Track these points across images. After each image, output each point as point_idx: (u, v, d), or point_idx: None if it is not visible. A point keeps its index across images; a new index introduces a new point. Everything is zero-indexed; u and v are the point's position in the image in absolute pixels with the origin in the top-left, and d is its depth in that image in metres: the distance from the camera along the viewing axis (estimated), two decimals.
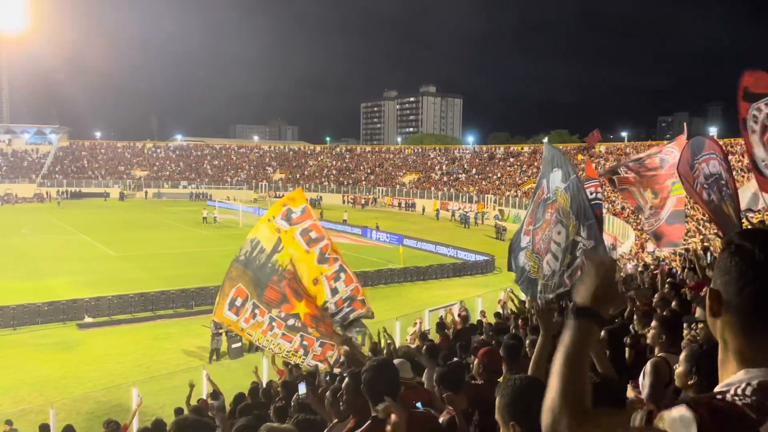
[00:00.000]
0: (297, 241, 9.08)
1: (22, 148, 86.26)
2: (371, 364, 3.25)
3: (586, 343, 1.46)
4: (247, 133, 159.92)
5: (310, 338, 9.06)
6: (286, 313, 9.04)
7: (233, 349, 18.84)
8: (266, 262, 9.09)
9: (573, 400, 1.36)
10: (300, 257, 9.05)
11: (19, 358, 18.01)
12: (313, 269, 9.07)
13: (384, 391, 2.91)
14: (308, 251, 9.08)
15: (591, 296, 1.49)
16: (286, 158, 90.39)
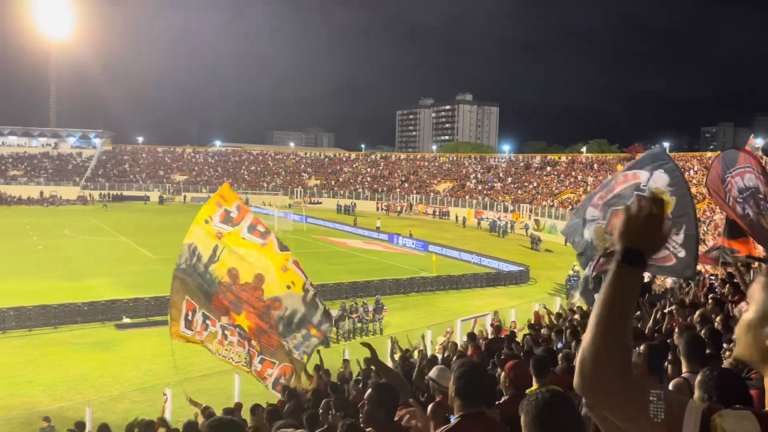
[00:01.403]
0: (248, 240, 8.65)
1: (67, 151, 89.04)
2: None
3: (632, 292, 1.35)
4: (284, 140, 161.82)
5: (253, 351, 8.80)
6: (232, 323, 8.76)
7: None
8: (205, 272, 8.66)
9: (616, 358, 1.26)
10: (259, 252, 8.63)
11: (58, 356, 18.48)
12: (278, 258, 8.70)
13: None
14: (264, 244, 8.73)
15: (637, 238, 1.38)
16: (321, 165, 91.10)
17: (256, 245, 8.49)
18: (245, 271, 8.45)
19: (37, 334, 20.50)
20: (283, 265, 8.48)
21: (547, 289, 30.69)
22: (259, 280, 8.46)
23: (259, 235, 8.56)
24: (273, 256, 8.45)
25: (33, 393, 15.54)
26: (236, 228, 8.52)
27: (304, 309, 8.71)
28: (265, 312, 8.47)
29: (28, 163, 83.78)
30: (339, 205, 72.71)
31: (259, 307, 8.51)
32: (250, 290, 8.46)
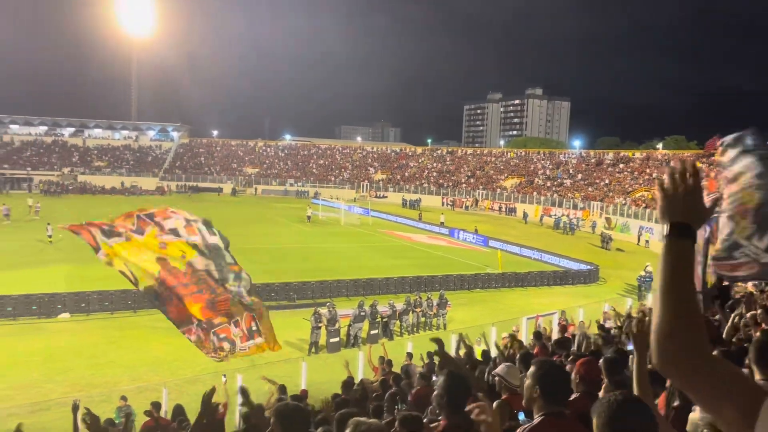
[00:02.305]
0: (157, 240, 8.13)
1: (147, 144, 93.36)
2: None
3: (686, 264, 1.34)
4: (352, 134, 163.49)
5: (223, 328, 8.10)
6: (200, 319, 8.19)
7: (331, 343, 19.36)
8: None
9: (686, 330, 1.25)
10: (140, 246, 8.07)
11: (137, 339, 19.49)
12: (148, 242, 8.19)
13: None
14: (138, 237, 8.19)
15: (679, 212, 1.36)
16: (387, 159, 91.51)
17: (134, 243, 8.02)
18: (153, 264, 8.00)
19: (119, 317, 21.69)
20: (159, 243, 7.99)
21: (617, 290, 29.75)
22: (166, 263, 7.94)
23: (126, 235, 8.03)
24: (147, 243, 7.96)
25: (114, 373, 16.48)
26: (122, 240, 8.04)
27: (211, 259, 8.15)
28: (196, 282, 7.96)
29: (111, 155, 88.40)
30: (404, 200, 72.89)
31: (189, 283, 7.98)
32: (173, 277, 7.95)
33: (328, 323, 19.47)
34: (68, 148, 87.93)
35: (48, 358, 17.28)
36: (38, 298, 21.60)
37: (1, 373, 15.96)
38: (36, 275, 26.49)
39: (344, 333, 20.09)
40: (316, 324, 19.32)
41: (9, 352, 17.60)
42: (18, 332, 19.68)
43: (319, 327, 19.38)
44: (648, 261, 30.45)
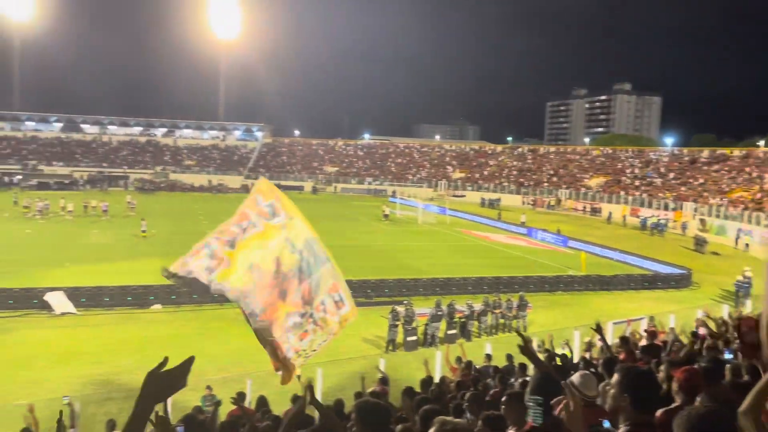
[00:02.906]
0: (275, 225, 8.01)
1: (233, 144, 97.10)
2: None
3: None
4: (430, 133, 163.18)
5: (322, 317, 7.95)
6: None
7: (408, 341, 19.36)
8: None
9: None
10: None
11: (223, 330, 20.25)
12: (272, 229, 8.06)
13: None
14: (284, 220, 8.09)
15: None
16: (466, 158, 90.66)
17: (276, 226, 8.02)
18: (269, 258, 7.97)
19: (206, 310, 22.63)
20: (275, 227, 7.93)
21: (712, 295, 28.04)
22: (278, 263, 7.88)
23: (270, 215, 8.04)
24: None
25: (202, 362, 17.14)
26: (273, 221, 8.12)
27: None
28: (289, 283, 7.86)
29: (200, 154, 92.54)
30: (483, 199, 71.96)
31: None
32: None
33: (404, 321, 19.48)
34: (161, 147, 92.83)
35: (141, 346, 18.27)
36: (133, 290, 22.90)
37: (100, 359, 17.02)
38: (131, 268, 28.11)
39: (421, 332, 20.04)
40: (393, 322, 19.39)
41: (106, 340, 18.75)
42: (114, 321, 20.93)
43: (396, 325, 19.43)
44: (747, 265, 28.52)
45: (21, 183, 69.79)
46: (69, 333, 19.37)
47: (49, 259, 29.59)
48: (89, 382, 15.33)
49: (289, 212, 7.88)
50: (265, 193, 8.05)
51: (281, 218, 7.81)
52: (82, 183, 73.54)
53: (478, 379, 10.11)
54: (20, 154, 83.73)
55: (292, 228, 7.74)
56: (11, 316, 20.54)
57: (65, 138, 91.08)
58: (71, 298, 21.63)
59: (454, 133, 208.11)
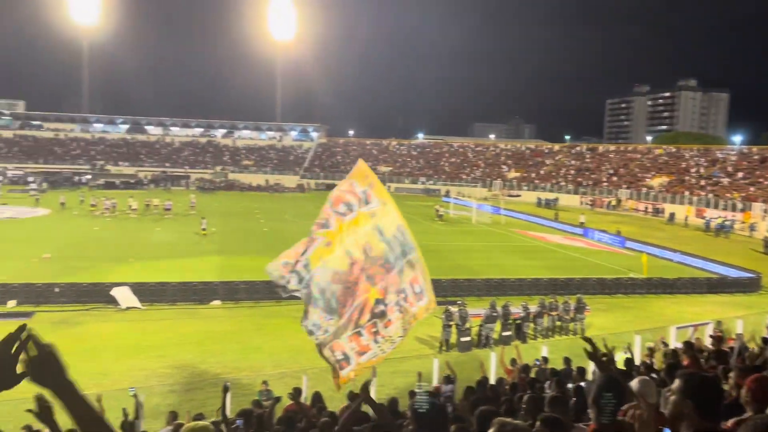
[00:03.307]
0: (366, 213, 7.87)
1: (289, 144, 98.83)
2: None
3: None
4: (485, 132, 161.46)
5: (404, 306, 7.85)
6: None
7: (462, 342, 19.22)
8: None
9: None
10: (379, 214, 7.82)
11: (280, 327, 20.63)
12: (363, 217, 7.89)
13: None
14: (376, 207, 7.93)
15: None
16: (521, 157, 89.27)
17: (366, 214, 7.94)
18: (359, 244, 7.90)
19: (264, 306, 23.11)
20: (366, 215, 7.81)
21: None
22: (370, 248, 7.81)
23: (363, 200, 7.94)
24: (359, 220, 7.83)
25: (259, 358, 17.57)
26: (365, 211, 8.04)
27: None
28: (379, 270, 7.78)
29: (258, 155, 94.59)
30: (539, 199, 70.67)
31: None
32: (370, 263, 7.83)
33: (458, 322, 19.36)
34: (220, 148, 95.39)
35: (202, 341, 18.83)
36: (194, 286, 23.63)
37: (163, 352, 17.64)
38: (192, 265, 29.01)
39: (475, 333, 19.86)
40: (447, 322, 19.30)
41: (169, 334, 19.42)
42: (176, 316, 21.65)
43: (450, 325, 19.32)
44: None
45: (89, 182, 73.12)
46: (134, 327, 20.17)
47: (115, 255, 30.90)
48: (153, 375, 15.91)
49: (382, 198, 7.90)
50: (360, 178, 8.15)
51: (374, 205, 7.87)
52: (146, 182, 76.42)
53: (534, 382, 9.95)
54: (89, 155, 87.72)
55: (384, 215, 7.77)
56: (81, 309, 21.55)
57: (131, 139, 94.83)
58: (136, 293, 22.51)
59: (510, 132, 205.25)
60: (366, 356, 7.85)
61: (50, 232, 38.33)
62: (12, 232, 38.24)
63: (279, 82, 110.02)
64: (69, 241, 35.11)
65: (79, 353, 17.31)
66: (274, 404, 8.22)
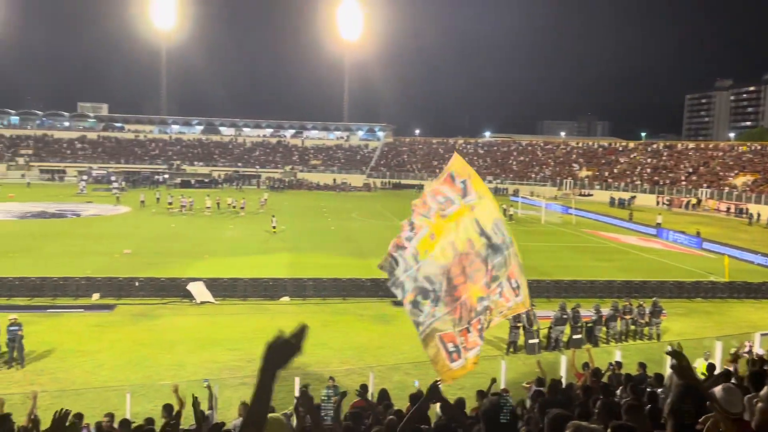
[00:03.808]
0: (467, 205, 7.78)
1: (356, 143, 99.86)
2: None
3: None
4: (555, 129, 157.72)
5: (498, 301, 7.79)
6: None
7: (530, 344, 18.84)
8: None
9: None
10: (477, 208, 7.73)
11: (346, 324, 20.88)
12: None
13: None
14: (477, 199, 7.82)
15: None
16: (594, 155, 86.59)
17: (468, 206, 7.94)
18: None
19: (330, 303, 23.46)
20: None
21: None
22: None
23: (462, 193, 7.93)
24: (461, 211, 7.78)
25: (325, 354, 17.83)
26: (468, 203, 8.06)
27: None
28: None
29: (325, 154, 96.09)
30: (612, 198, 68.34)
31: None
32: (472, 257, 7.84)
33: (526, 324, 18.97)
34: (289, 148, 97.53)
35: (272, 335, 19.27)
36: (264, 282, 24.25)
37: (235, 346, 18.19)
38: (262, 261, 29.80)
39: (544, 335, 19.41)
40: (514, 324, 18.94)
41: (241, 329, 20.00)
42: (247, 311, 22.28)
43: (518, 327, 18.96)
44: None
45: (167, 181, 76.44)
46: (208, 321, 20.91)
47: (190, 251, 32.14)
48: (225, 368, 16.43)
49: (480, 191, 7.88)
50: (458, 171, 8.16)
51: (472, 197, 7.87)
52: (219, 181, 79.14)
53: (606, 387, 9.61)
54: (166, 155, 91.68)
55: (482, 208, 7.76)
56: (158, 303, 22.53)
57: (205, 140, 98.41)
58: (210, 288, 23.32)
59: (581, 130, 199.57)
60: (473, 352, 7.93)
61: (131, 228, 40.32)
62: (96, 228, 40.48)
63: (347, 82, 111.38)
64: (148, 237, 36.82)
65: (157, 345, 18.12)
66: (341, 400, 8.32)
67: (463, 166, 7.89)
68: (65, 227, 40.53)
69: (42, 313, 20.55)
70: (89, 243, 34.04)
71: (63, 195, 61.17)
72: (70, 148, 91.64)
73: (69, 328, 19.21)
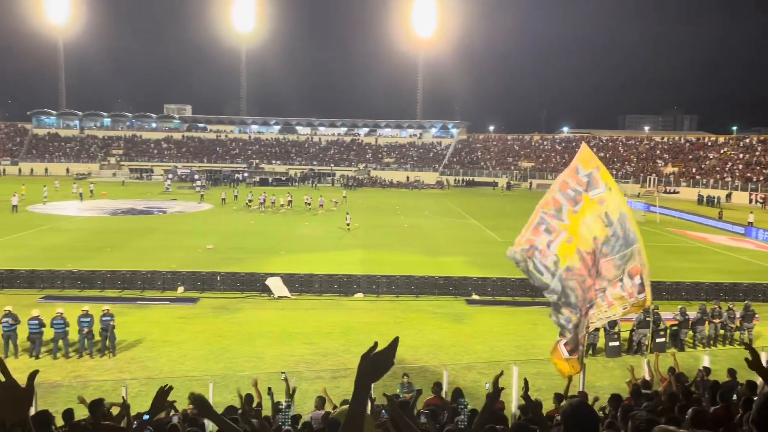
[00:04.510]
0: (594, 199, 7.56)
1: (429, 141, 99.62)
2: None
3: None
4: (638, 124, 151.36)
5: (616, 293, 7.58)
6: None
7: (610, 346, 18.18)
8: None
9: None
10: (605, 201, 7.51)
11: (419, 321, 20.89)
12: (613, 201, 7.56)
13: None
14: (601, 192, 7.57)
15: None
16: (680, 150, 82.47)
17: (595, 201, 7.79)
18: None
19: (402, 300, 23.53)
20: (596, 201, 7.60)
21: None
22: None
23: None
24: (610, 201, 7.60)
25: (399, 350, 17.61)
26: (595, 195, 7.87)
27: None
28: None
29: (398, 152, 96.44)
30: (700, 196, 64.86)
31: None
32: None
33: (606, 326, 18.30)
34: (363, 146, 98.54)
35: (346, 331, 19.58)
36: (339, 278, 24.64)
37: (311, 340, 18.60)
38: (337, 258, 30.28)
39: (625, 338, 18.68)
40: (562, 342, 18.29)
41: (316, 323, 20.42)
42: (322, 306, 22.71)
43: (597, 329, 18.33)
44: None
45: (246, 180, 79.08)
46: (285, 315, 21.47)
47: (268, 247, 33.11)
48: (302, 361, 16.82)
49: (608, 182, 7.79)
50: (585, 162, 8.09)
51: (600, 190, 7.79)
52: (296, 180, 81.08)
53: (692, 393, 9.14)
54: (246, 154, 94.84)
55: (611, 200, 7.69)
56: (238, 297, 23.35)
57: (282, 139, 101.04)
58: (286, 283, 23.94)
59: (667, 124, 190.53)
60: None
61: (213, 225, 41.99)
62: (181, 225, 42.42)
63: (420, 79, 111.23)
64: (228, 233, 38.22)
65: (237, 337, 18.79)
66: (416, 397, 8.32)
67: (590, 157, 7.81)
68: (152, 223, 42.73)
69: (132, 305, 21.75)
70: (174, 238, 35.74)
71: (150, 193, 64.52)
72: (157, 147, 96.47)
73: (156, 319, 20.24)
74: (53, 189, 58.91)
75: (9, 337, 16.45)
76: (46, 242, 33.28)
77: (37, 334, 16.55)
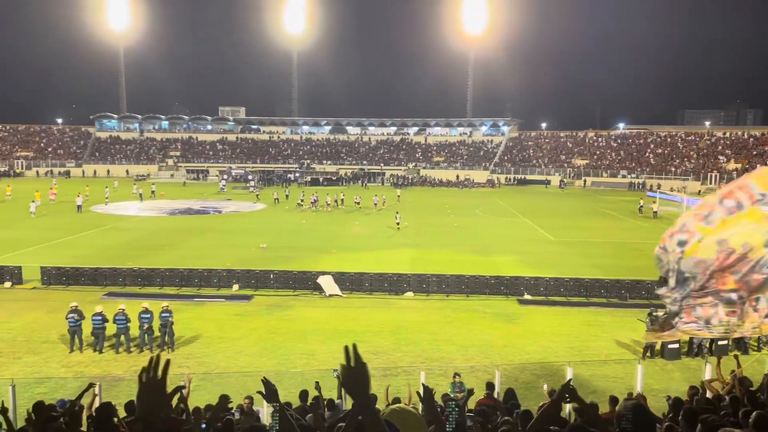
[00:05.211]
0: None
1: (479, 139, 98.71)
2: None
3: None
4: (698, 119, 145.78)
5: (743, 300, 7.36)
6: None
7: (669, 349, 17.61)
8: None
9: None
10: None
11: (470, 321, 20.74)
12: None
13: None
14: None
15: None
16: (744, 146, 79.01)
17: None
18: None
19: (453, 300, 23.42)
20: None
21: None
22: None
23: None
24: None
25: (449, 350, 17.84)
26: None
27: None
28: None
29: (448, 150, 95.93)
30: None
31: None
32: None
33: None
34: (413, 145, 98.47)
35: (396, 329, 19.64)
36: (389, 277, 24.72)
37: (362, 338, 18.72)
38: (387, 257, 30.38)
39: (685, 340, 18.04)
40: (651, 326, 17.76)
41: (366, 322, 20.55)
42: (372, 305, 22.84)
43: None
44: None
45: (298, 180, 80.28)
46: (336, 313, 21.70)
47: (319, 246, 33.52)
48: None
49: None
50: (761, 182, 8.02)
51: None
52: (346, 179, 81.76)
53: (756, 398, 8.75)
54: (298, 155, 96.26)
55: None
56: (291, 295, 23.74)
57: (333, 139, 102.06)
58: (337, 281, 24.19)
59: (729, 119, 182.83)
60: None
61: (266, 224, 42.81)
62: (236, 224, 43.44)
63: (471, 77, 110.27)
64: (281, 232, 38.89)
65: (290, 334, 19.11)
66: (468, 397, 8.27)
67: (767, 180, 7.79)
68: (208, 223, 43.91)
69: (189, 302, 22.43)
70: (229, 237, 36.63)
71: (206, 193, 66.31)
72: (212, 149, 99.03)
73: (212, 316, 20.80)
74: (113, 189, 61.34)
75: (75, 332, 17.22)
76: (108, 241, 34.68)
77: (100, 330, 17.27)
